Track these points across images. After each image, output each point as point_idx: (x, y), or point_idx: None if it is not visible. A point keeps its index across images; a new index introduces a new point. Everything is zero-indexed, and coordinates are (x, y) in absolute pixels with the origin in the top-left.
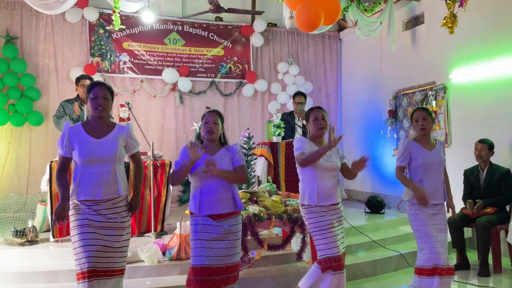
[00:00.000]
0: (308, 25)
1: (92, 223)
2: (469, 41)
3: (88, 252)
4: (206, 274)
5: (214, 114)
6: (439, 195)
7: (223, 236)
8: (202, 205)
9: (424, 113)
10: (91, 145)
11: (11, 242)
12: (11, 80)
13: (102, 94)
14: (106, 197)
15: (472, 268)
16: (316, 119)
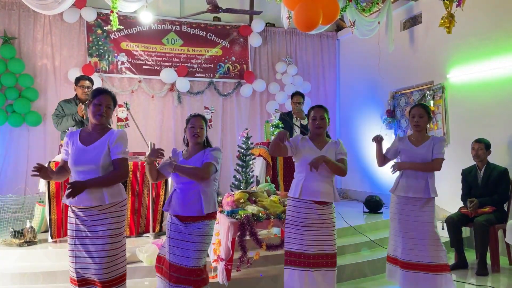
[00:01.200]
0: (307, 25)
1: (78, 233)
2: (466, 41)
3: (75, 263)
4: (173, 270)
5: (200, 119)
6: (419, 189)
7: (190, 237)
8: (171, 204)
9: (421, 110)
10: (78, 152)
11: (9, 242)
12: (9, 80)
13: (106, 102)
14: (89, 204)
15: (470, 268)
16: (314, 118)
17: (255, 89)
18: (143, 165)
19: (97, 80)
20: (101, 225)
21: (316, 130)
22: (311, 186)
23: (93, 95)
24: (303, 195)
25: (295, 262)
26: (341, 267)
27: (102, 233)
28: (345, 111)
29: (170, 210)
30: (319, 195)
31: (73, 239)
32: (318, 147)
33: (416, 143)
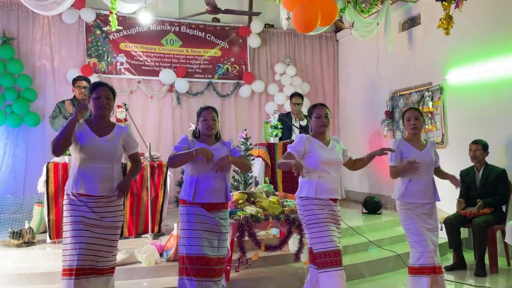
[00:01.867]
0: (305, 26)
1: (85, 220)
2: (465, 42)
3: (79, 249)
4: (202, 263)
5: (211, 111)
6: (429, 194)
7: (217, 228)
8: (198, 193)
9: (416, 112)
10: (93, 142)
11: (8, 243)
12: (8, 81)
13: (105, 94)
14: (102, 194)
15: (468, 268)
16: (318, 116)
17: (254, 90)
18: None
19: (95, 81)
20: (111, 217)
21: (320, 128)
22: (326, 184)
23: (91, 90)
24: (319, 194)
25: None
26: None
27: (111, 223)
28: (344, 112)
29: (197, 199)
30: (334, 192)
31: (78, 225)
32: (325, 144)
33: (419, 147)
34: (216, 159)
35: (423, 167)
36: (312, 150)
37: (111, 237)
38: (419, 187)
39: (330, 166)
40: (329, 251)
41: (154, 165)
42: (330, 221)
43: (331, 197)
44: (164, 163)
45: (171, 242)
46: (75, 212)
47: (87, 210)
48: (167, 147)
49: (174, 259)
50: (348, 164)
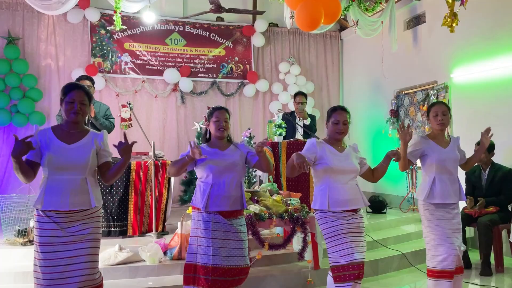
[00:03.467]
0: (308, 24)
1: (54, 240)
2: (470, 40)
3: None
4: (218, 274)
5: (224, 112)
6: (454, 194)
7: (236, 235)
8: (211, 201)
9: (444, 107)
10: (61, 150)
11: (13, 242)
12: (13, 80)
13: (79, 99)
14: (75, 208)
15: (474, 268)
16: (336, 122)
17: (258, 89)
18: (146, 164)
19: (100, 80)
20: (85, 228)
21: (336, 135)
22: (337, 195)
23: (64, 92)
24: (331, 206)
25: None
26: None
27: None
28: None
29: (211, 207)
30: (347, 203)
31: (46, 247)
32: (339, 150)
33: (443, 144)
34: (230, 162)
35: (447, 165)
36: (323, 156)
37: (88, 251)
38: (444, 187)
39: (344, 175)
40: (341, 266)
41: (158, 164)
42: (347, 232)
43: (345, 209)
44: (168, 162)
45: (175, 241)
46: (42, 232)
47: (56, 228)
48: (171, 146)
49: (178, 257)
50: (367, 175)
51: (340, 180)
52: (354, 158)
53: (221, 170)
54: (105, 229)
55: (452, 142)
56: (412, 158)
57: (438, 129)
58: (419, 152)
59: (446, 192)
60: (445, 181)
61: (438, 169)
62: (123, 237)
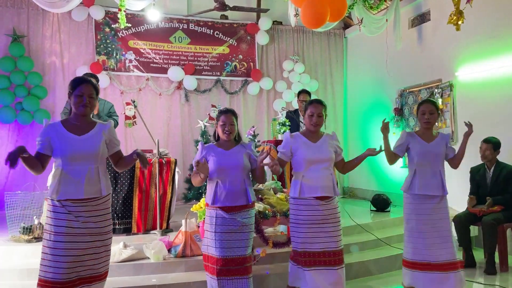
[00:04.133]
0: (314, 21)
1: (70, 230)
2: (475, 39)
3: (60, 263)
4: (223, 264)
5: (230, 115)
6: (434, 186)
7: (237, 228)
8: (217, 197)
9: (432, 107)
10: (72, 142)
11: (18, 239)
12: (18, 78)
13: (88, 92)
14: (89, 196)
15: (478, 267)
16: (311, 114)
17: (262, 87)
18: (150, 162)
19: (105, 78)
20: (96, 221)
21: (311, 127)
22: (310, 182)
23: (73, 86)
24: (302, 193)
25: (299, 261)
26: (347, 265)
27: (99, 229)
28: (352, 109)
29: (216, 203)
30: (318, 190)
31: (60, 237)
32: (312, 141)
33: (427, 140)
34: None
35: (429, 158)
36: (297, 149)
37: (99, 243)
38: (425, 179)
39: (317, 164)
40: (297, 251)
41: (162, 161)
42: (310, 223)
43: (316, 195)
44: (172, 159)
45: (179, 238)
46: (58, 222)
47: (72, 219)
48: (175, 143)
49: (182, 255)
50: (339, 165)
51: (314, 168)
52: (330, 146)
53: (224, 169)
54: None
55: (439, 138)
56: (399, 152)
57: (424, 127)
58: (404, 145)
59: (426, 184)
60: (426, 173)
61: (419, 161)
62: (127, 235)
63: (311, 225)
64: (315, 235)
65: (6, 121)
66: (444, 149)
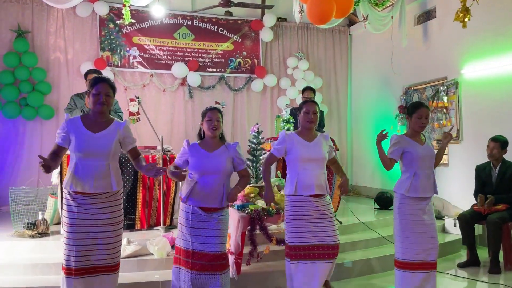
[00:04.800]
0: (320, 17)
1: (80, 222)
2: (481, 36)
3: (76, 252)
4: (197, 258)
5: (216, 112)
6: (431, 187)
7: (214, 224)
8: (192, 196)
9: (428, 111)
10: (87, 138)
11: (22, 234)
12: (23, 73)
13: (105, 91)
14: (98, 191)
15: (482, 265)
16: (306, 112)
17: (266, 84)
18: (154, 158)
19: (108, 74)
20: (107, 213)
21: (307, 124)
22: (305, 180)
23: (91, 85)
24: (298, 191)
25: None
26: (351, 263)
27: (109, 219)
28: (356, 106)
29: (192, 202)
30: (313, 188)
31: (74, 228)
32: (307, 140)
33: (420, 142)
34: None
35: (425, 161)
36: (292, 148)
37: (110, 234)
38: (423, 181)
39: (311, 163)
40: (295, 245)
41: (166, 158)
42: (307, 218)
43: (310, 193)
44: (176, 156)
45: None
46: (70, 214)
47: (80, 211)
48: (179, 140)
49: None
50: (330, 162)
51: (308, 167)
52: (324, 146)
53: (205, 171)
54: None
55: (427, 140)
56: (395, 156)
57: (419, 131)
58: (400, 149)
59: (424, 186)
60: (424, 176)
61: (418, 164)
62: (131, 231)
63: (308, 220)
64: (312, 229)
65: (11, 116)
66: (433, 150)
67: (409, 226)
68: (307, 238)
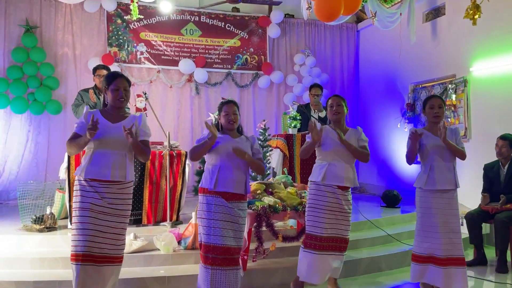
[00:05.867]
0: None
1: (93, 207)
2: (491, 34)
3: (85, 236)
4: (218, 253)
5: (232, 105)
6: (450, 181)
7: (234, 218)
8: (219, 181)
9: (440, 101)
10: (106, 128)
11: (30, 228)
12: (31, 69)
13: (123, 86)
14: (114, 179)
15: (489, 265)
16: (331, 105)
17: (273, 81)
18: (161, 154)
19: (116, 70)
20: (119, 204)
21: (334, 116)
22: (335, 171)
23: (109, 81)
24: (327, 179)
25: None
26: (357, 261)
27: (119, 210)
28: (364, 104)
29: (218, 187)
30: (343, 180)
31: (86, 212)
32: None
33: (437, 134)
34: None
35: (443, 153)
36: (326, 138)
37: (119, 225)
38: (440, 173)
39: (342, 155)
40: (314, 235)
41: (173, 154)
42: (329, 209)
43: (339, 184)
44: (183, 152)
45: (189, 231)
46: (83, 199)
47: (96, 197)
48: (186, 136)
49: (192, 247)
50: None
51: (339, 159)
52: (355, 141)
53: (230, 154)
54: None
55: (448, 131)
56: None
57: (434, 121)
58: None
59: (441, 179)
60: (441, 168)
61: (434, 156)
62: (137, 226)
63: (330, 211)
64: (331, 221)
65: (19, 111)
66: (456, 141)
67: (429, 219)
68: (325, 230)
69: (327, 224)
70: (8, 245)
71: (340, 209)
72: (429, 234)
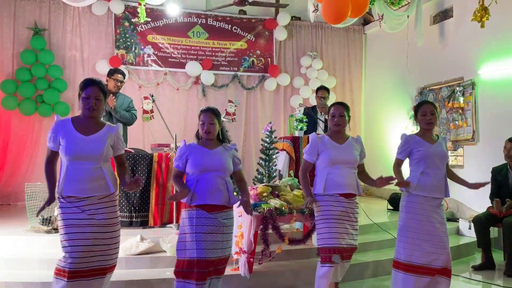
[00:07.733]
0: (335, 17)
1: (76, 222)
2: (499, 36)
3: (71, 253)
4: (202, 267)
5: (209, 114)
6: (441, 189)
7: (218, 228)
8: (197, 195)
9: (432, 107)
10: (78, 142)
11: (38, 229)
12: (39, 71)
13: (94, 94)
14: (93, 194)
15: (497, 268)
16: (333, 115)
17: (280, 83)
18: (167, 156)
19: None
20: (103, 213)
21: (334, 127)
22: (335, 178)
23: (81, 87)
24: (328, 189)
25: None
26: (364, 264)
27: (104, 221)
28: (370, 106)
29: (197, 202)
30: (344, 187)
31: (69, 229)
32: (338, 143)
33: (430, 141)
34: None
35: (435, 160)
36: (324, 150)
37: (106, 235)
38: (432, 181)
39: (342, 165)
40: (330, 247)
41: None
42: (338, 218)
43: (340, 192)
44: None
45: None
46: (66, 215)
47: (77, 211)
48: (192, 138)
49: None
50: (358, 168)
51: (339, 167)
52: (355, 149)
53: (206, 168)
54: (126, 219)
55: (439, 140)
56: (403, 157)
57: (426, 128)
58: (408, 149)
59: (432, 186)
60: (433, 175)
61: (426, 163)
62: (144, 228)
63: (336, 220)
64: (339, 230)
65: (27, 113)
66: (445, 150)
67: (413, 225)
68: (336, 240)
69: (335, 233)
70: (16, 246)
71: (347, 217)
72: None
